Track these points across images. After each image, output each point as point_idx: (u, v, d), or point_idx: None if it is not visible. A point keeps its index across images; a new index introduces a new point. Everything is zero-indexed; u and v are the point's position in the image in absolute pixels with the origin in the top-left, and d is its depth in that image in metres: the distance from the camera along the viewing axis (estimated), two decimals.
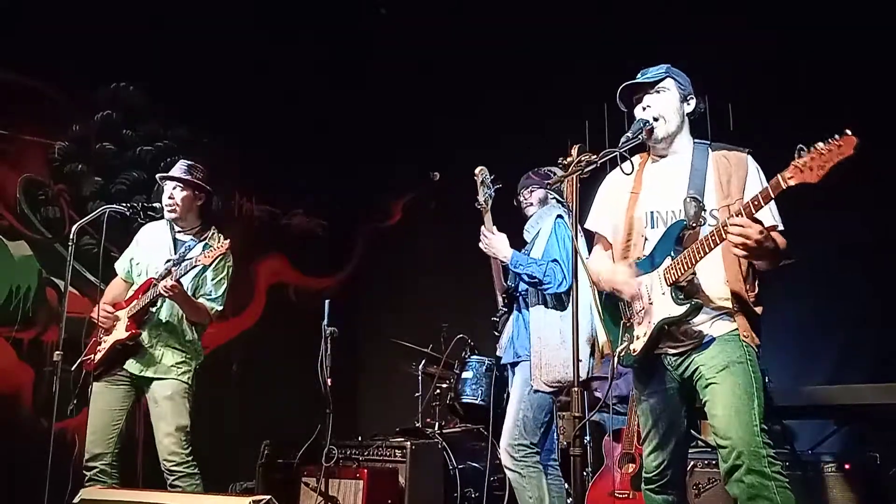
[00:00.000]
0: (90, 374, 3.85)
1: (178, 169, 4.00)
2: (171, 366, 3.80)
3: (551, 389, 3.50)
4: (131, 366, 3.78)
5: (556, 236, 3.61)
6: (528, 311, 3.65)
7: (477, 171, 3.76)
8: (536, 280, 3.53)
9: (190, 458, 3.74)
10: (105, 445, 3.73)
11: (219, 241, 3.73)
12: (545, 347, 3.51)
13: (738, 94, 4.80)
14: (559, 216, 3.66)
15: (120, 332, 3.80)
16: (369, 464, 4.41)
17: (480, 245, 3.71)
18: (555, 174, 3.73)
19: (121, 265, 4.10)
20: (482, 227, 3.70)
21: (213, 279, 3.91)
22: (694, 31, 5.07)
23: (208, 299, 3.89)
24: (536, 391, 3.52)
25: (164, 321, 3.84)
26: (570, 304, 3.37)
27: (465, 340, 4.80)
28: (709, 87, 2.92)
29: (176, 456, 3.72)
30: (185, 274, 3.69)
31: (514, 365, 3.70)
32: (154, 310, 3.83)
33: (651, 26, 5.28)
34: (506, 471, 3.62)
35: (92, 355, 3.84)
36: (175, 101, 5.81)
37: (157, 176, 4.10)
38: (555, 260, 3.54)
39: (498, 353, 3.92)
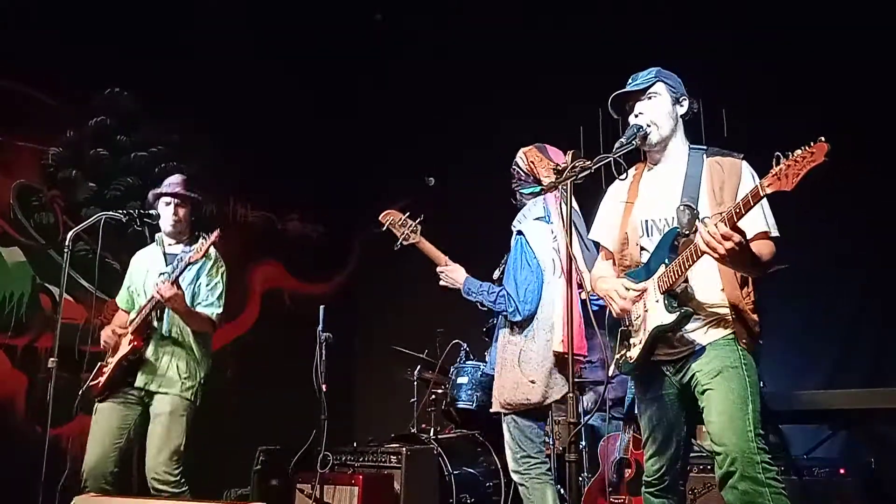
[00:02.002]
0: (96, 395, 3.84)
1: (177, 185, 4.01)
2: (176, 380, 3.79)
3: (506, 411, 3.39)
4: (139, 379, 3.77)
5: (514, 260, 3.47)
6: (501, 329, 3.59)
7: (381, 217, 3.73)
8: (487, 308, 3.50)
9: (177, 479, 3.72)
10: (105, 464, 3.72)
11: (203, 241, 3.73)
12: (503, 368, 3.44)
13: (732, 98, 4.81)
14: (519, 233, 3.50)
15: (124, 348, 3.79)
16: (364, 470, 4.41)
17: (440, 279, 3.66)
18: (515, 162, 3.66)
19: (121, 297, 4.12)
20: (438, 267, 3.65)
21: (207, 285, 3.92)
22: (690, 33, 5.07)
23: (206, 305, 3.89)
24: (496, 413, 3.45)
25: (167, 334, 3.84)
26: (544, 328, 3.36)
27: (460, 346, 4.80)
28: (703, 92, 2.92)
29: (163, 475, 3.70)
30: (180, 274, 3.70)
31: None
32: (157, 324, 3.83)
33: (648, 29, 5.28)
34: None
35: (99, 379, 3.83)
36: (169, 107, 5.80)
37: (154, 193, 4.05)
38: (507, 290, 3.42)
39: (487, 361, 3.92)
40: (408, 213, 3.71)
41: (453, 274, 3.61)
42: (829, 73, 4.64)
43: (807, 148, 2.10)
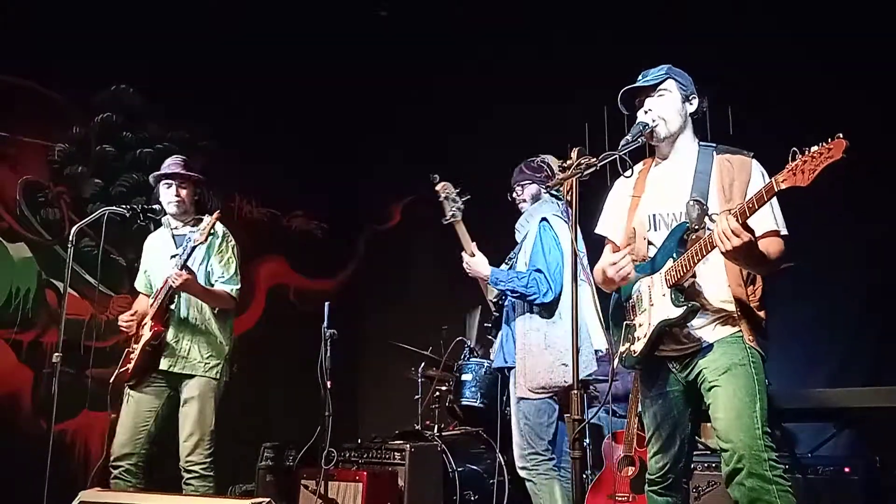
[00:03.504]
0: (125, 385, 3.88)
1: (176, 165, 4.03)
2: (199, 361, 3.84)
3: (537, 396, 3.47)
4: (163, 363, 3.81)
5: (542, 243, 3.57)
6: (515, 318, 3.65)
7: (438, 187, 3.77)
8: (518, 294, 3.55)
9: (209, 461, 3.79)
10: (133, 446, 3.78)
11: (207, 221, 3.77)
12: (529, 353, 3.50)
13: (732, 97, 4.80)
14: (544, 219, 3.61)
15: (146, 335, 3.83)
16: (369, 466, 4.41)
17: (464, 266, 3.73)
18: (547, 164, 3.75)
19: (139, 282, 4.16)
20: (463, 254, 3.71)
21: (220, 262, 3.96)
22: (690, 33, 5.07)
23: (223, 282, 3.94)
24: (521, 398, 3.52)
25: (185, 317, 3.88)
26: (569, 309, 3.42)
27: (464, 343, 4.80)
28: (709, 90, 2.92)
29: (195, 456, 3.76)
30: (187, 258, 3.73)
31: (509, 370, 3.70)
32: (174, 307, 3.86)
33: (651, 27, 5.28)
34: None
35: (127, 366, 3.86)
36: (175, 103, 5.81)
37: (154, 175, 4.07)
38: (538, 269, 3.51)
39: (492, 358, 3.96)
40: (459, 189, 3.75)
41: (478, 266, 3.69)
42: (829, 73, 4.63)
43: (824, 144, 2.09)
